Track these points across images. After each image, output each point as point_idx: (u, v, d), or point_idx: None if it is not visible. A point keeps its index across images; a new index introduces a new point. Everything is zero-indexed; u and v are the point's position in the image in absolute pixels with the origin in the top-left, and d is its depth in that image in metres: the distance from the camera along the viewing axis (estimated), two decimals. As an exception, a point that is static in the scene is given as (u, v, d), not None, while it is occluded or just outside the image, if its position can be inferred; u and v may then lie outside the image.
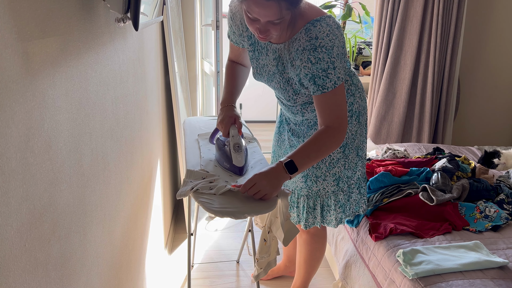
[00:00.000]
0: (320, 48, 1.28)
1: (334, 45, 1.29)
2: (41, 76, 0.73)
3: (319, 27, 1.28)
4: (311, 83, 1.33)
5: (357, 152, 1.60)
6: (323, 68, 1.30)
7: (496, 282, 1.38)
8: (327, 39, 1.28)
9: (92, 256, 1.03)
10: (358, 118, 1.56)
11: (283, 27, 1.27)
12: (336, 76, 1.31)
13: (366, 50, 3.41)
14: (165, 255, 2.26)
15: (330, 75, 1.31)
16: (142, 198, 1.66)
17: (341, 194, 1.63)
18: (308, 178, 1.60)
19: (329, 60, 1.29)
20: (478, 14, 3.20)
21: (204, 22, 2.99)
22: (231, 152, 1.39)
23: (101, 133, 1.09)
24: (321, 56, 1.28)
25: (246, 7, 1.22)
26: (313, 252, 1.83)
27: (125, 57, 1.35)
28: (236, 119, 1.45)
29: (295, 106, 1.54)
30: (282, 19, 1.22)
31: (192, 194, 1.30)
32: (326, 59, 1.29)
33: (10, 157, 0.62)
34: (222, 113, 1.48)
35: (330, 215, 1.66)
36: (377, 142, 3.12)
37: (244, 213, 1.21)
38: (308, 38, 1.29)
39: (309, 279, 1.92)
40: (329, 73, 1.30)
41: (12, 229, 0.63)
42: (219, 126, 1.47)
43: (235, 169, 1.39)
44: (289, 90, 1.46)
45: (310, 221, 1.68)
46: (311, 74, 1.32)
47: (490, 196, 1.90)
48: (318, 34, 1.28)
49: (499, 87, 3.40)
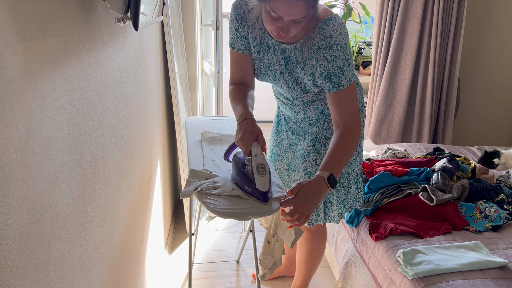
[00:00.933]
0: (335, 46, 1.32)
1: (346, 43, 1.33)
2: (41, 76, 0.73)
3: (331, 26, 1.31)
4: (326, 81, 1.36)
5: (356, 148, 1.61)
6: (339, 66, 1.33)
7: (496, 282, 1.38)
8: (340, 37, 1.32)
9: (92, 256, 1.03)
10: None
11: (303, 26, 1.28)
12: (350, 73, 1.35)
13: (366, 50, 3.41)
14: (165, 255, 2.26)
15: (345, 72, 1.34)
16: (142, 198, 1.65)
17: (342, 190, 1.64)
18: (311, 176, 1.60)
19: (344, 57, 1.33)
20: (478, 14, 3.20)
21: (204, 22, 2.99)
22: (254, 175, 1.21)
23: (101, 133, 1.09)
24: (337, 54, 1.32)
25: (271, 6, 1.21)
26: (314, 250, 1.83)
27: (125, 57, 1.35)
28: (259, 135, 1.30)
29: (298, 105, 1.55)
30: (305, 18, 1.24)
31: (196, 194, 1.30)
32: (341, 56, 1.32)
33: (10, 157, 0.62)
34: (241, 128, 1.31)
35: (333, 211, 1.66)
36: (377, 142, 3.12)
37: (248, 214, 1.20)
38: (322, 37, 1.32)
39: (309, 278, 1.93)
40: (345, 70, 1.34)
41: (12, 229, 0.63)
42: (238, 144, 1.31)
43: (258, 194, 1.21)
44: (297, 89, 1.47)
45: (313, 219, 1.67)
46: (327, 72, 1.35)
47: (490, 196, 1.90)
48: (332, 33, 1.31)
49: (499, 87, 3.40)
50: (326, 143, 1.57)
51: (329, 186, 1.24)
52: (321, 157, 1.58)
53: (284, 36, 1.27)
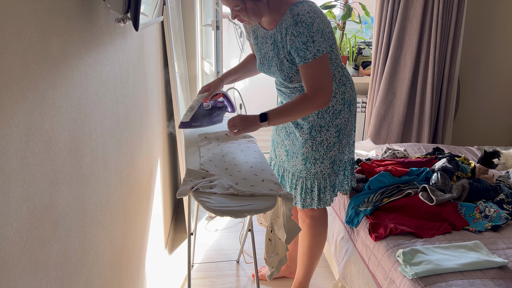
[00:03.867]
0: (300, 23, 1.48)
1: (314, 21, 1.48)
2: (41, 76, 0.73)
3: (301, 6, 1.49)
4: (295, 55, 1.54)
5: (348, 138, 1.78)
6: (303, 41, 1.49)
7: (496, 282, 1.38)
8: (307, 16, 1.47)
9: (92, 256, 1.03)
10: (350, 107, 1.72)
11: (250, 13, 1.51)
12: (315, 49, 1.50)
13: (366, 50, 3.41)
14: (165, 255, 2.26)
15: (309, 48, 1.49)
16: (142, 198, 1.66)
17: (333, 175, 1.79)
18: (308, 161, 1.74)
19: (308, 34, 1.48)
20: (478, 14, 3.20)
21: (204, 22, 2.99)
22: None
23: (101, 133, 1.09)
24: (301, 30, 1.48)
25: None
26: (317, 236, 1.89)
27: (125, 57, 1.35)
28: (212, 88, 1.79)
29: (293, 92, 1.69)
30: (239, 7, 1.48)
31: (192, 193, 1.30)
32: (305, 33, 1.48)
33: (10, 157, 0.63)
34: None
35: (326, 195, 1.80)
36: (377, 142, 3.12)
37: (244, 212, 1.21)
38: (291, 15, 1.50)
39: (311, 270, 1.95)
40: (309, 45, 1.49)
41: (12, 229, 0.63)
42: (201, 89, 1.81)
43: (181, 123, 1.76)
44: (284, 69, 1.63)
45: (307, 202, 1.81)
46: (295, 47, 1.52)
47: (490, 196, 1.90)
48: (299, 11, 1.48)
49: (499, 87, 3.40)
50: (321, 131, 1.70)
51: (259, 119, 1.60)
52: (316, 144, 1.71)
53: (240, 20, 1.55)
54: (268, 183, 1.38)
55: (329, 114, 1.68)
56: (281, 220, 1.37)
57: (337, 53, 1.66)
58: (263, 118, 1.60)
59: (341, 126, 1.71)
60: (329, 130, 1.69)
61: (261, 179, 1.41)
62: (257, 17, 1.55)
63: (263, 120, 1.60)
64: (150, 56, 1.89)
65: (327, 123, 1.68)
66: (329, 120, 1.68)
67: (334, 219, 2.14)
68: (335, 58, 1.65)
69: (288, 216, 1.35)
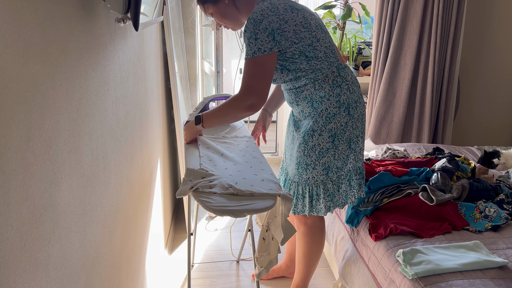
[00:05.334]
0: (249, 20, 1.47)
1: (264, 19, 1.45)
2: (41, 76, 0.73)
3: (258, 6, 1.49)
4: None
5: (349, 145, 1.64)
6: (247, 37, 1.47)
7: (496, 282, 1.38)
8: (259, 13, 1.46)
9: (92, 256, 1.03)
10: (348, 110, 1.59)
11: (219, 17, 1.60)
12: (256, 47, 1.45)
13: (366, 50, 3.41)
14: (165, 255, 2.26)
15: (251, 44, 1.46)
16: (142, 198, 1.66)
17: (329, 184, 1.67)
18: (299, 166, 1.67)
19: (253, 30, 1.45)
20: (478, 14, 3.20)
21: (204, 22, 3.00)
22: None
23: (101, 133, 1.09)
24: (249, 26, 1.47)
25: None
26: (312, 244, 1.83)
27: (125, 57, 1.35)
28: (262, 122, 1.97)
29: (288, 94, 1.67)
30: (209, 12, 1.59)
31: (192, 193, 1.31)
32: (251, 29, 1.46)
33: (10, 157, 0.63)
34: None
35: (319, 203, 1.69)
36: (377, 142, 3.12)
37: (244, 211, 1.21)
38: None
39: (309, 275, 1.92)
40: (251, 42, 1.46)
41: (12, 229, 0.63)
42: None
43: None
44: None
45: (299, 208, 1.73)
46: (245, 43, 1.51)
47: (490, 196, 1.90)
48: (257, 9, 1.48)
49: (499, 87, 3.40)
50: (313, 135, 1.61)
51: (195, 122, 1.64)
52: (308, 149, 1.63)
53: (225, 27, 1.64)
54: (267, 183, 1.38)
55: (322, 118, 1.58)
56: (279, 219, 1.37)
57: (330, 52, 1.56)
58: (198, 121, 1.62)
59: (336, 131, 1.59)
60: (322, 135, 1.59)
61: (261, 179, 1.41)
62: (231, 20, 1.60)
63: (197, 123, 1.62)
64: (150, 56, 1.89)
65: (319, 127, 1.59)
66: (322, 124, 1.59)
67: (334, 219, 2.14)
68: (324, 57, 1.54)
69: (286, 216, 1.35)
